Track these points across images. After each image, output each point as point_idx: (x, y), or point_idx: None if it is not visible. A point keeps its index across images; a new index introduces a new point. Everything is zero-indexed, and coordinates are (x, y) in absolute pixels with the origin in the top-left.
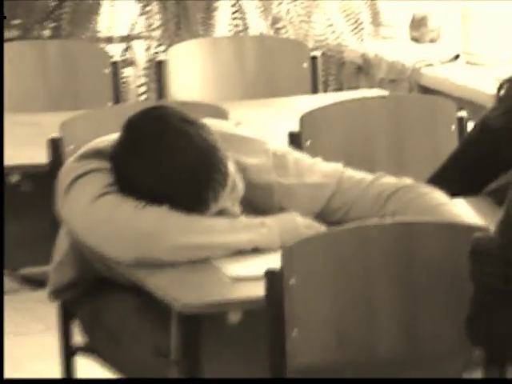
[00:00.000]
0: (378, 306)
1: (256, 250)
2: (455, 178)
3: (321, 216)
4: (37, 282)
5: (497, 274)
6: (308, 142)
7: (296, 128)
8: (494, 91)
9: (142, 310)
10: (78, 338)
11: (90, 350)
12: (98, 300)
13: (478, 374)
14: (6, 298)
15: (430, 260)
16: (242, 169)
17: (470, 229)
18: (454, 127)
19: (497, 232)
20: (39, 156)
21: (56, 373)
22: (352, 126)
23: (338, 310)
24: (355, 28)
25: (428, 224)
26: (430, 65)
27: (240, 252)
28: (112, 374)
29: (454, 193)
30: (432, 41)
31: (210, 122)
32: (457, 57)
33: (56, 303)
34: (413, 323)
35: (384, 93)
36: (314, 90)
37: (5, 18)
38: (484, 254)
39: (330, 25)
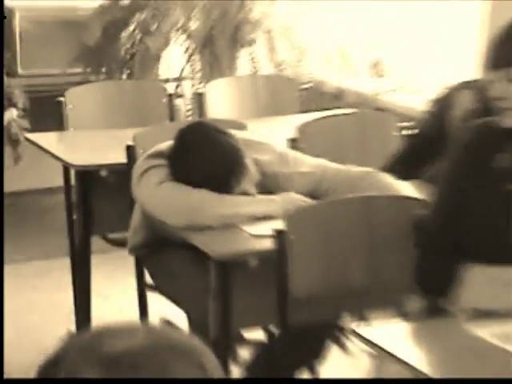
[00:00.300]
0: (352, 254)
1: (268, 217)
2: (401, 167)
3: (312, 196)
4: (120, 243)
5: (433, 243)
6: (302, 145)
7: (293, 135)
8: (424, 108)
9: (191, 259)
10: (148, 280)
11: (156, 288)
12: (162, 253)
13: (417, 302)
14: (98, 255)
15: (387, 222)
16: (257, 163)
17: (412, 201)
18: (397, 133)
19: (431, 211)
20: (120, 157)
21: (134, 302)
22: (332, 132)
23: (324, 256)
24: (332, 68)
25: (386, 197)
26: (383, 93)
27: (257, 218)
28: (170, 303)
29: (400, 177)
30: (383, 76)
31: (235, 132)
32: (400, 87)
33: (133, 257)
34: (376, 266)
35: (352, 111)
36: (305, 111)
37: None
38: (423, 228)
39: (315, 67)
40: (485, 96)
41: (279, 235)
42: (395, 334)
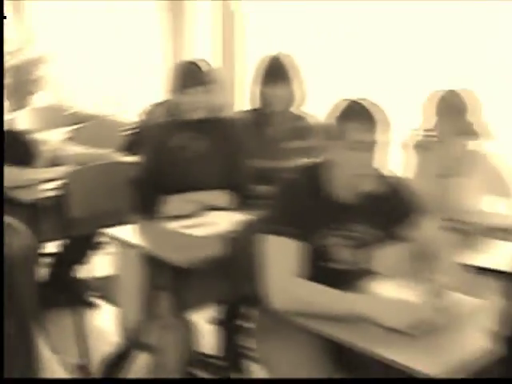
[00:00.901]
0: (105, 192)
1: (57, 178)
2: (125, 150)
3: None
4: None
5: (140, 187)
6: (75, 139)
7: (70, 134)
8: (135, 118)
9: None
10: None
11: None
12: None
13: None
14: None
15: (118, 176)
16: (49, 151)
17: (128, 164)
18: (120, 132)
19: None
20: None
21: None
22: (90, 132)
23: (90, 195)
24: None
25: (118, 162)
26: (114, 112)
27: (50, 180)
28: None
29: (126, 155)
30: (114, 103)
31: (32, 134)
32: (123, 108)
33: None
34: (118, 196)
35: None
36: (73, 124)
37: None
38: (136, 178)
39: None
40: (171, 108)
41: (64, 185)
42: (131, 233)
